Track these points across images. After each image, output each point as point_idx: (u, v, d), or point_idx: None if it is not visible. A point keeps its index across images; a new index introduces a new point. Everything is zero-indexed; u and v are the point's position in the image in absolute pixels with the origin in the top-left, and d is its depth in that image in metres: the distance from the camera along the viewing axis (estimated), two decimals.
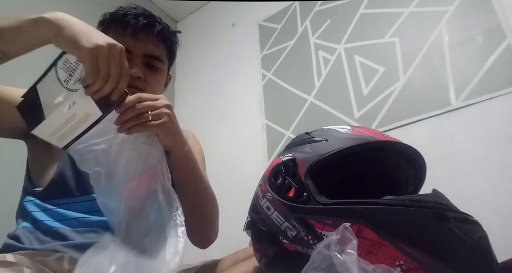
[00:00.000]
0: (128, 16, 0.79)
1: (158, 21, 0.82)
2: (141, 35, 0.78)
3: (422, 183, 0.60)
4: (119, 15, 0.79)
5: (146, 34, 0.79)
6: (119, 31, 0.78)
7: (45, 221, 0.65)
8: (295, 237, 0.50)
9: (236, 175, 1.74)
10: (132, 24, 0.78)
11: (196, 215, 0.74)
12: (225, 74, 2.13)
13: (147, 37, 0.79)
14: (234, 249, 0.79)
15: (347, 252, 0.38)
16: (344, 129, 0.56)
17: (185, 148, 0.69)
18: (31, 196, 0.69)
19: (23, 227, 0.66)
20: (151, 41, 0.80)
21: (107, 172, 0.57)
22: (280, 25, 1.96)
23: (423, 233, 0.42)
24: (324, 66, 1.70)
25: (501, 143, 1.16)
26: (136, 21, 0.78)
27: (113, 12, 0.81)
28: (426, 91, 1.37)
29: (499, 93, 1.20)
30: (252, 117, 1.87)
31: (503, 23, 1.27)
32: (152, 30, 0.80)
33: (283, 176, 0.54)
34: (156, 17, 0.83)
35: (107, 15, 0.82)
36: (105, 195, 0.59)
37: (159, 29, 0.81)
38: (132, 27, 0.78)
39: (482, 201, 1.09)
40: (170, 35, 0.85)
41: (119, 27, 0.78)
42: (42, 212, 0.66)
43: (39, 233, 0.64)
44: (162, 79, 0.85)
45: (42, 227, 0.64)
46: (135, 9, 0.81)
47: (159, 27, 0.81)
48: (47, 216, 0.65)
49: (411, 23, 1.50)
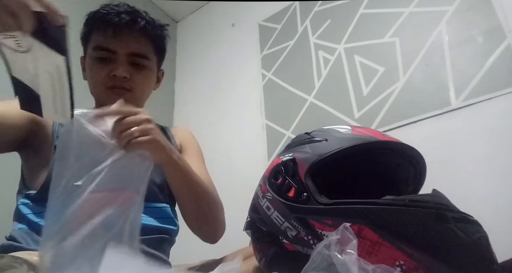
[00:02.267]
0: (111, 14, 0.76)
1: (141, 16, 0.79)
2: (123, 33, 0.76)
3: (422, 183, 0.60)
4: (101, 15, 0.77)
5: (129, 32, 0.76)
6: (100, 32, 0.76)
7: (39, 223, 0.65)
8: (295, 237, 0.50)
9: (236, 175, 1.74)
10: (114, 23, 0.75)
11: (199, 217, 0.75)
12: (225, 74, 2.13)
13: (129, 35, 0.77)
14: (234, 249, 0.79)
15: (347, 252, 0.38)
16: (344, 129, 0.56)
17: (176, 160, 0.67)
18: (26, 199, 0.69)
19: (19, 229, 0.66)
20: (133, 38, 0.77)
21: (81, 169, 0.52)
22: (280, 25, 1.96)
23: (423, 233, 0.42)
24: (324, 66, 1.70)
25: (501, 143, 1.16)
26: (118, 18, 0.76)
27: (95, 11, 0.79)
28: (426, 91, 1.37)
29: (499, 93, 1.20)
30: (252, 117, 1.87)
31: (503, 23, 1.27)
32: (134, 27, 0.77)
33: (283, 176, 0.54)
34: (140, 12, 0.80)
35: (90, 15, 0.80)
36: (62, 194, 0.52)
37: (142, 24, 0.78)
38: (114, 26, 0.75)
39: (482, 201, 1.09)
40: (156, 30, 0.82)
41: (101, 27, 0.76)
42: (36, 214, 0.67)
43: (34, 235, 0.64)
44: (151, 76, 0.83)
45: (37, 228, 0.65)
46: (117, 6, 0.78)
47: (142, 22, 0.78)
48: (41, 218, 0.65)
49: (411, 23, 1.50)
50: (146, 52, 0.80)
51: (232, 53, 2.15)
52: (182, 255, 0.97)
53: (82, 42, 0.82)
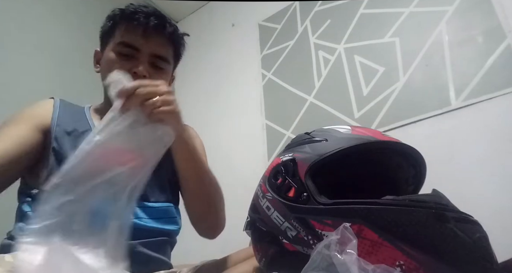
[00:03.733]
0: (139, 14, 0.78)
1: (169, 22, 0.82)
2: (152, 35, 0.78)
3: (422, 183, 0.60)
4: (130, 13, 0.79)
5: (157, 34, 0.79)
6: (129, 28, 0.78)
7: None
8: (295, 237, 0.50)
9: (236, 175, 1.74)
10: (143, 23, 0.77)
11: (202, 204, 0.75)
12: (225, 74, 2.13)
13: (157, 38, 0.79)
14: (234, 249, 0.79)
15: (347, 252, 0.38)
16: (344, 129, 0.56)
17: (185, 135, 0.70)
18: (28, 197, 0.70)
19: (19, 227, 0.66)
20: (160, 42, 0.80)
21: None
22: (280, 25, 1.96)
23: (423, 233, 0.42)
24: (324, 66, 1.70)
25: (501, 143, 1.16)
26: (147, 20, 0.78)
27: (123, 8, 0.81)
28: (426, 91, 1.37)
29: (499, 93, 1.20)
30: (252, 117, 1.87)
31: (503, 23, 1.27)
32: (163, 31, 0.80)
33: (283, 176, 0.54)
34: (167, 17, 0.83)
35: (116, 11, 0.81)
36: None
37: (170, 30, 0.81)
38: (144, 26, 0.77)
39: (482, 201, 1.09)
40: (179, 38, 0.86)
41: (130, 24, 0.78)
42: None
43: None
44: (166, 79, 0.85)
45: None
46: (146, 7, 0.81)
47: (170, 28, 0.81)
48: None
49: (411, 23, 1.50)
50: (167, 55, 0.82)
51: (232, 53, 2.15)
52: (182, 255, 0.97)
53: (103, 35, 0.83)
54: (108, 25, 0.82)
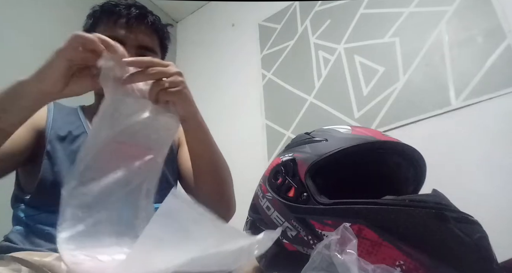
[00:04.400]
0: (120, 6, 0.78)
1: (150, 12, 0.82)
2: (134, 25, 0.77)
3: (422, 183, 0.60)
4: (110, 6, 0.78)
5: (139, 24, 0.78)
6: (110, 23, 0.77)
7: (37, 225, 0.65)
8: (295, 237, 0.50)
9: (236, 175, 1.73)
10: (125, 14, 0.77)
11: (215, 182, 0.75)
12: (225, 74, 2.13)
13: (140, 28, 0.78)
14: None
15: (347, 252, 0.38)
16: (344, 129, 0.56)
17: (199, 117, 0.68)
18: (21, 204, 0.69)
19: (16, 230, 0.66)
20: (144, 31, 0.79)
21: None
22: (280, 25, 1.96)
23: (423, 233, 0.42)
24: (324, 66, 1.70)
25: (501, 143, 1.16)
26: (128, 11, 0.77)
27: (103, 3, 0.80)
28: (426, 91, 1.37)
29: (499, 93, 1.20)
30: (252, 117, 1.87)
31: (503, 23, 1.27)
32: (145, 21, 0.79)
33: (283, 176, 0.54)
34: (147, 8, 0.83)
35: (96, 7, 0.80)
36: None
37: (151, 20, 0.80)
38: (125, 18, 0.76)
39: (482, 201, 1.09)
40: (162, 27, 0.85)
41: (111, 18, 0.77)
42: (32, 217, 0.66)
43: (32, 236, 0.64)
44: None
45: (35, 230, 0.65)
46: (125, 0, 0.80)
47: (151, 18, 0.80)
48: (38, 221, 0.65)
49: (411, 23, 1.50)
50: (153, 45, 0.81)
51: (232, 53, 2.15)
52: None
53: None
54: (89, 23, 0.81)
